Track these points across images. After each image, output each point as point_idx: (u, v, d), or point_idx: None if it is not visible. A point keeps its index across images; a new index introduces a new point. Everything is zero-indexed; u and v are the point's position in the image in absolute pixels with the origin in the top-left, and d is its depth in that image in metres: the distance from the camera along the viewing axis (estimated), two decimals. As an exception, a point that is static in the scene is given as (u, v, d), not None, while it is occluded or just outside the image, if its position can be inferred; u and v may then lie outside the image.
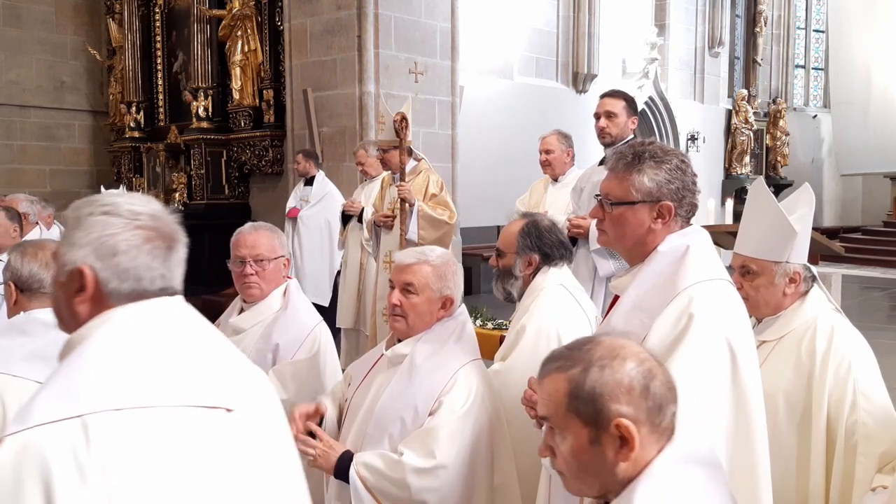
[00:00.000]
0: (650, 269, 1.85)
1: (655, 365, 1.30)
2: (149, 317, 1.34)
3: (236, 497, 1.30)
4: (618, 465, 1.25)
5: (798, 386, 2.24)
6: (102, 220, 1.34)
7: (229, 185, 9.77)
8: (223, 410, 1.32)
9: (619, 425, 1.23)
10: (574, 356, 1.30)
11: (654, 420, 1.26)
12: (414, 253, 2.34)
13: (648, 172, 1.85)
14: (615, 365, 1.26)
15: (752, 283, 2.33)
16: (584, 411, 1.25)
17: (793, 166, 18.38)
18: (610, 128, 4.03)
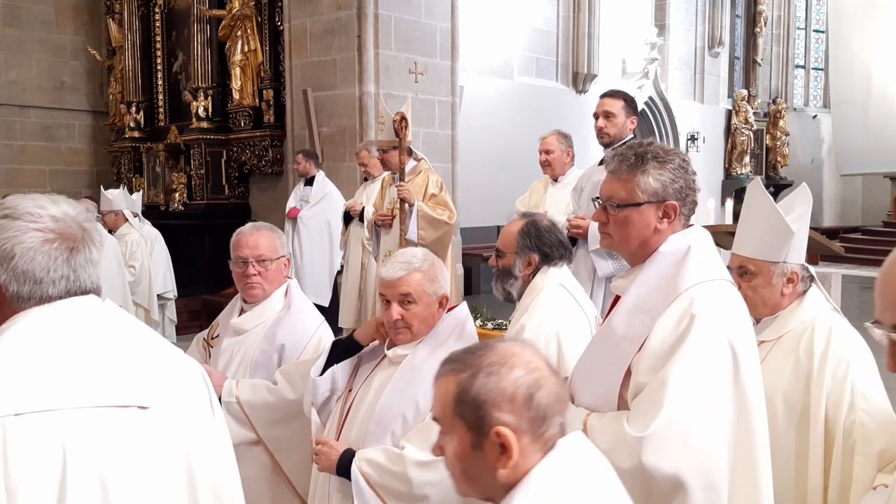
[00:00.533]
0: (651, 269, 1.85)
1: (546, 375, 1.30)
2: (55, 319, 1.34)
3: (154, 494, 1.32)
4: (498, 471, 1.26)
5: (796, 386, 2.24)
6: (1, 224, 1.34)
7: (229, 185, 9.78)
8: (135, 409, 1.33)
9: (499, 433, 1.24)
10: (467, 360, 1.30)
11: (537, 430, 1.27)
12: (399, 264, 2.32)
13: (653, 173, 1.85)
14: (502, 372, 1.26)
15: (750, 283, 2.33)
16: (468, 416, 1.26)
17: (793, 166, 18.38)
18: (608, 128, 4.03)
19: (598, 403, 1.84)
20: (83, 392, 1.28)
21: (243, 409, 2.56)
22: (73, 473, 1.23)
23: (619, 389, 1.81)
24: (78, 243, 1.39)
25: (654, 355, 1.74)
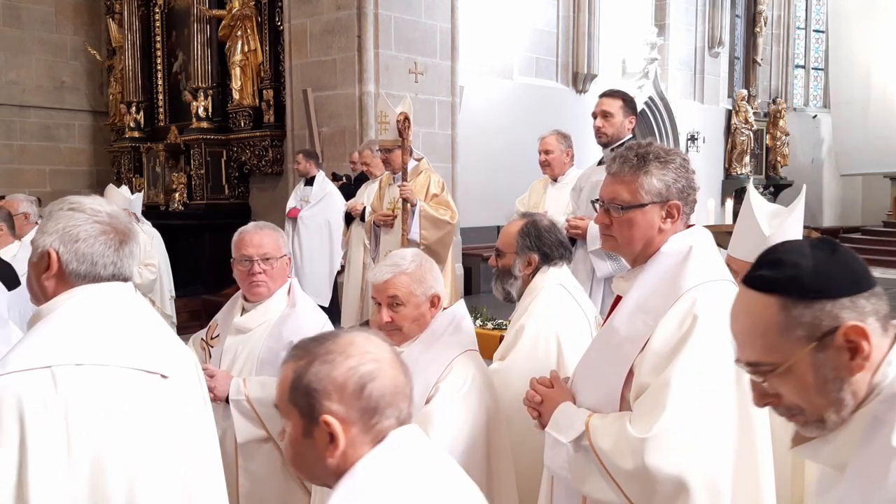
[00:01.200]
0: (653, 269, 1.85)
1: (384, 367, 1.29)
2: (104, 296, 1.67)
3: (164, 450, 1.63)
4: (327, 459, 1.27)
5: None
6: (68, 214, 1.68)
7: (229, 185, 9.78)
8: (159, 376, 1.67)
9: (326, 422, 1.25)
10: (309, 348, 1.32)
11: (368, 421, 1.27)
12: (387, 267, 2.34)
13: (656, 173, 1.84)
14: (337, 361, 1.27)
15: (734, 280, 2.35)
16: (301, 403, 1.27)
17: (793, 166, 18.38)
18: (606, 127, 4.02)
19: (599, 404, 1.84)
20: (124, 354, 1.62)
21: (254, 406, 2.56)
22: (112, 417, 1.55)
23: (621, 390, 1.81)
24: (126, 238, 1.72)
25: (657, 356, 1.73)
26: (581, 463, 1.80)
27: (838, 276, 1.12)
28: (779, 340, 1.12)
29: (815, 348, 1.10)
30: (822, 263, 1.12)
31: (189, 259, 9.06)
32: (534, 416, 1.99)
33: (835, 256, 1.14)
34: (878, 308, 1.13)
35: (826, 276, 1.11)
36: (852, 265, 1.14)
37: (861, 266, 1.15)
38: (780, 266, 1.14)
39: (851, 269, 1.13)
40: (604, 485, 1.76)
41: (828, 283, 1.11)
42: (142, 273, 6.50)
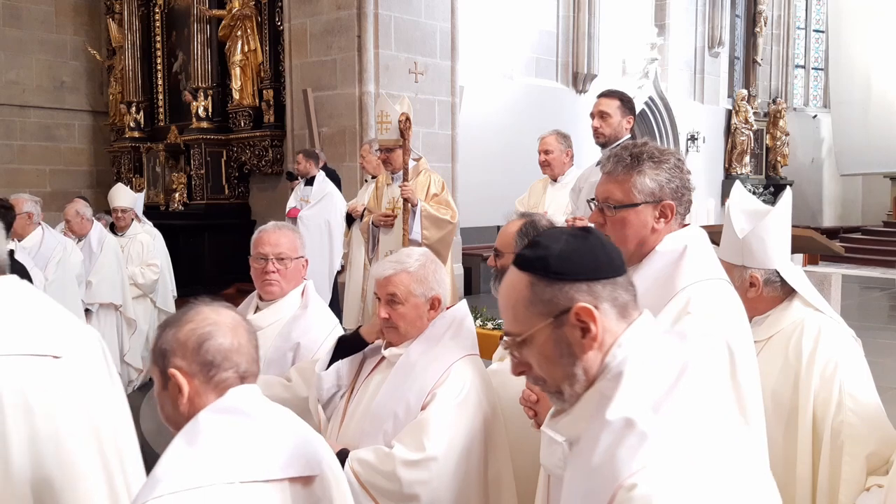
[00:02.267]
0: (648, 268, 1.85)
1: (222, 329, 1.54)
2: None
3: (66, 431, 1.69)
4: (179, 407, 1.51)
5: (785, 386, 2.24)
6: None
7: (229, 185, 9.78)
8: (50, 357, 1.71)
9: (172, 374, 1.51)
10: (169, 320, 1.60)
11: (207, 373, 1.51)
12: (391, 263, 2.34)
13: (649, 173, 1.85)
14: (181, 325, 1.53)
15: None
16: (158, 363, 1.53)
17: (793, 166, 18.39)
18: (603, 128, 4.03)
19: (595, 403, 1.85)
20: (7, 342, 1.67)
21: None
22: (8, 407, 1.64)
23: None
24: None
25: (651, 354, 1.74)
26: (577, 462, 1.80)
27: (581, 262, 1.22)
28: (525, 313, 1.23)
29: (551, 324, 1.21)
30: (570, 249, 1.23)
31: (189, 259, 9.05)
32: (529, 415, 1.99)
33: (584, 244, 1.24)
34: (616, 296, 1.23)
35: (569, 260, 1.22)
36: (598, 254, 1.24)
37: (608, 256, 1.25)
38: (535, 247, 1.26)
39: (595, 257, 1.23)
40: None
41: (570, 266, 1.21)
42: (144, 273, 6.50)
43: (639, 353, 1.20)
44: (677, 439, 1.10)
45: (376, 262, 5.32)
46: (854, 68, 16.22)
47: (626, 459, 1.09)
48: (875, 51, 15.87)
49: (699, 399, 1.16)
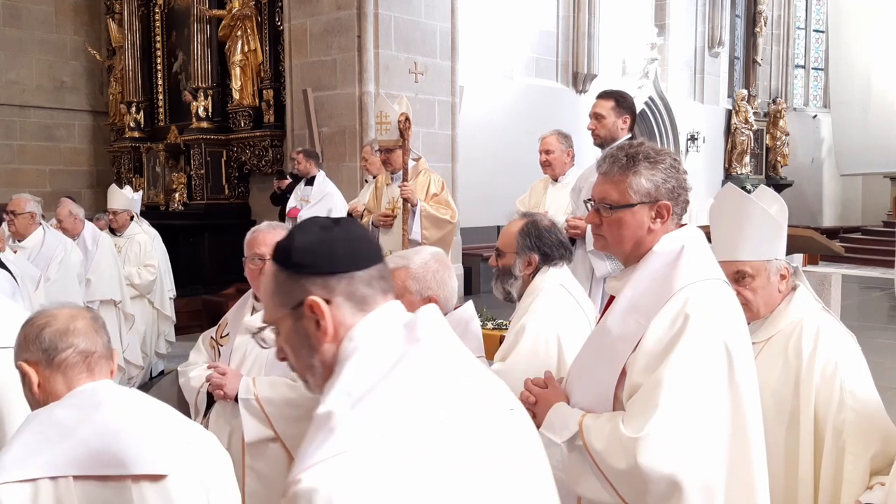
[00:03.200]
0: (645, 269, 1.85)
1: (59, 318, 1.75)
2: None
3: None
4: (36, 396, 1.74)
5: (785, 386, 2.23)
6: None
7: (229, 185, 9.78)
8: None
9: (19, 367, 1.73)
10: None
11: (49, 358, 1.72)
12: (397, 258, 2.35)
13: (645, 174, 1.85)
14: (25, 326, 1.76)
15: (750, 286, 2.29)
16: (14, 363, 1.77)
17: (793, 166, 18.39)
18: (598, 129, 4.04)
19: (593, 404, 1.84)
20: None
21: (262, 406, 2.55)
22: None
23: (614, 390, 1.81)
24: None
25: (649, 355, 1.73)
26: (575, 463, 1.80)
27: (319, 255, 1.22)
28: (271, 303, 1.27)
29: (290, 315, 1.23)
30: (311, 242, 1.24)
31: (189, 259, 9.06)
32: (528, 416, 1.99)
33: (326, 236, 1.24)
34: (353, 290, 1.22)
35: (308, 252, 1.22)
36: (338, 247, 1.23)
37: (350, 249, 1.24)
38: (286, 238, 1.27)
39: (334, 251, 1.23)
40: (598, 485, 1.76)
41: (308, 259, 1.22)
42: (140, 274, 6.50)
43: (363, 346, 1.19)
44: (366, 435, 1.07)
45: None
46: (854, 68, 16.22)
47: (308, 455, 1.08)
48: (875, 51, 15.87)
49: (410, 394, 1.13)
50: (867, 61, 15.99)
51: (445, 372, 1.20)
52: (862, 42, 16.02)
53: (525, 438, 1.30)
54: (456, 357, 1.25)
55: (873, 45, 15.84)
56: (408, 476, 1.07)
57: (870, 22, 15.88)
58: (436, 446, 1.11)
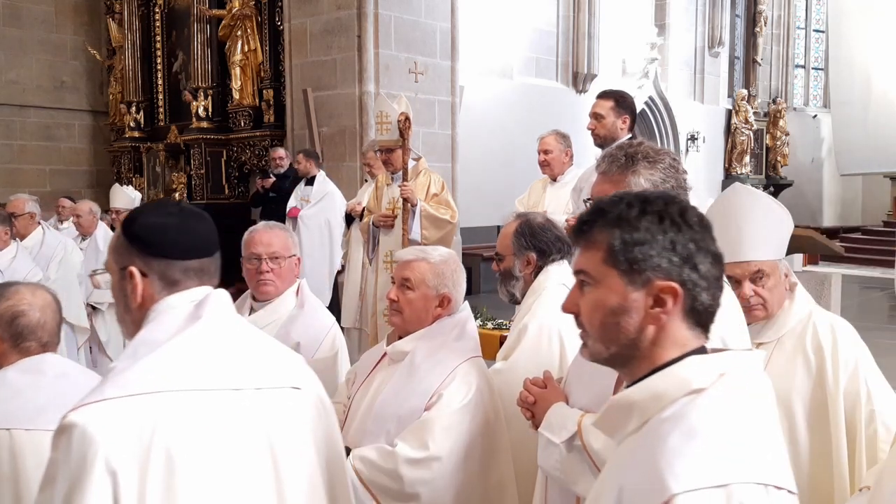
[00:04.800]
0: None
1: (34, 309, 2.04)
2: None
3: None
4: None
5: (809, 384, 2.22)
6: None
7: (229, 185, 9.78)
8: None
9: None
10: None
11: (16, 342, 2.03)
12: (415, 250, 2.40)
13: (644, 173, 1.85)
14: (3, 299, 2.04)
15: (767, 285, 2.25)
16: None
17: (793, 166, 18.39)
18: (598, 129, 4.04)
19: (592, 404, 1.84)
20: None
21: None
22: None
23: (613, 389, 1.81)
24: None
25: (647, 355, 1.73)
26: (574, 463, 1.80)
27: (151, 236, 1.43)
28: (109, 256, 1.50)
29: (117, 272, 1.46)
30: (152, 223, 1.45)
31: (189, 259, 9.05)
32: (527, 416, 1.99)
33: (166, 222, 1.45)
34: (167, 273, 1.43)
35: (145, 230, 1.44)
36: (168, 236, 1.44)
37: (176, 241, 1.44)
38: (142, 209, 1.53)
39: (163, 237, 1.43)
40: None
41: (142, 235, 1.43)
42: None
43: (157, 318, 1.41)
44: (131, 388, 1.28)
45: (376, 263, 5.33)
46: (854, 68, 16.22)
47: (83, 398, 1.27)
48: (875, 50, 15.87)
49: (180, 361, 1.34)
50: (867, 61, 15.99)
51: (220, 346, 1.40)
52: (862, 42, 16.02)
53: (304, 417, 1.48)
54: (236, 335, 1.45)
55: (873, 45, 15.84)
56: (160, 429, 1.26)
57: (870, 22, 15.87)
58: (194, 410, 1.31)
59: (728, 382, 1.13)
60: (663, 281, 1.15)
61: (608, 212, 1.22)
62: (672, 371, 1.15)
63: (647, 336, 1.17)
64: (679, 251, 1.16)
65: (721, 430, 1.08)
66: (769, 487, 1.07)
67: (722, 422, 1.09)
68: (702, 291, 1.16)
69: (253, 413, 1.38)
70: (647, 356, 1.19)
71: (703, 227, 1.19)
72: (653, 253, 1.16)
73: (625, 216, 1.20)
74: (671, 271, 1.15)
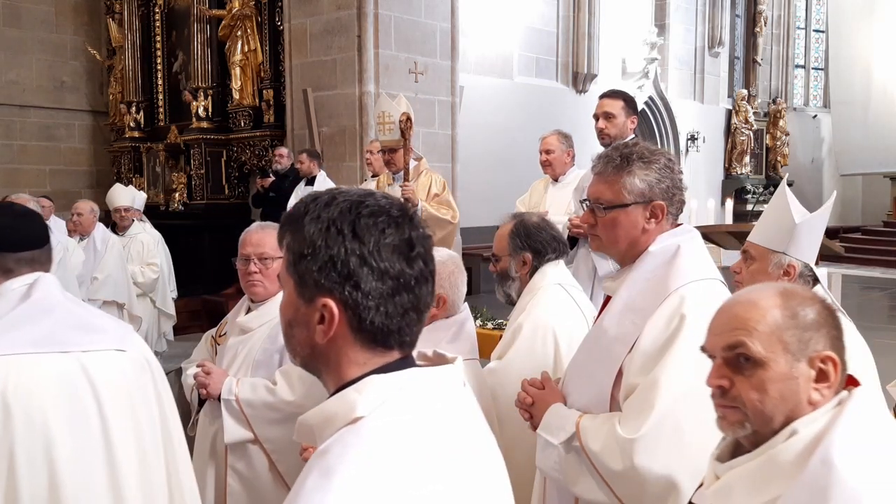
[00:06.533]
0: (641, 269, 1.85)
1: None
2: None
3: None
4: None
5: None
6: None
7: (229, 185, 9.77)
8: None
9: None
10: None
11: None
12: None
13: (639, 174, 1.85)
14: None
15: (749, 268, 2.33)
16: None
17: (793, 166, 18.38)
18: (608, 129, 4.03)
19: (590, 405, 1.84)
20: None
21: (241, 407, 2.56)
22: None
23: (610, 390, 1.81)
24: None
25: (645, 356, 1.73)
26: (572, 464, 1.80)
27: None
28: None
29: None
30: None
31: (189, 259, 9.04)
32: (525, 417, 1.99)
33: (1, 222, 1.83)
34: (3, 263, 1.78)
35: None
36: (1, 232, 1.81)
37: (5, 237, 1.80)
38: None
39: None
40: (595, 485, 1.76)
41: None
42: (144, 272, 6.52)
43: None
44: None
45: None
46: (854, 68, 16.22)
47: None
48: (875, 50, 15.87)
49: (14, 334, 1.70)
50: (867, 61, 16.00)
51: (49, 316, 1.74)
52: (862, 41, 16.02)
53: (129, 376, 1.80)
54: (64, 307, 1.79)
55: (873, 45, 15.84)
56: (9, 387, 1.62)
57: (870, 21, 15.88)
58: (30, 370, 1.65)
59: (389, 409, 1.03)
60: (322, 297, 1.07)
61: (289, 215, 1.13)
62: (345, 393, 1.06)
63: (321, 351, 1.10)
64: (339, 267, 1.05)
65: (357, 470, 0.97)
66: None
67: (361, 459, 0.98)
68: (370, 311, 1.06)
69: (81, 372, 1.72)
70: (331, 372, 1.11)
71: (378, 241, 1.06)
72: (314, 268, 1.06)
73: (297, 223, 1.10)
74: (332, 288, 1.06)
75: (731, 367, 1.31)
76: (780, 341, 1.27)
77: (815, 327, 1.28)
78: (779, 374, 1.26)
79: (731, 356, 1.31)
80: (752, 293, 1.33)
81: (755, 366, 1.28)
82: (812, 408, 1.27)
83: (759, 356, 1.26)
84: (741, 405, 1.30)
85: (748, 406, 1.28)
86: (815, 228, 2.33)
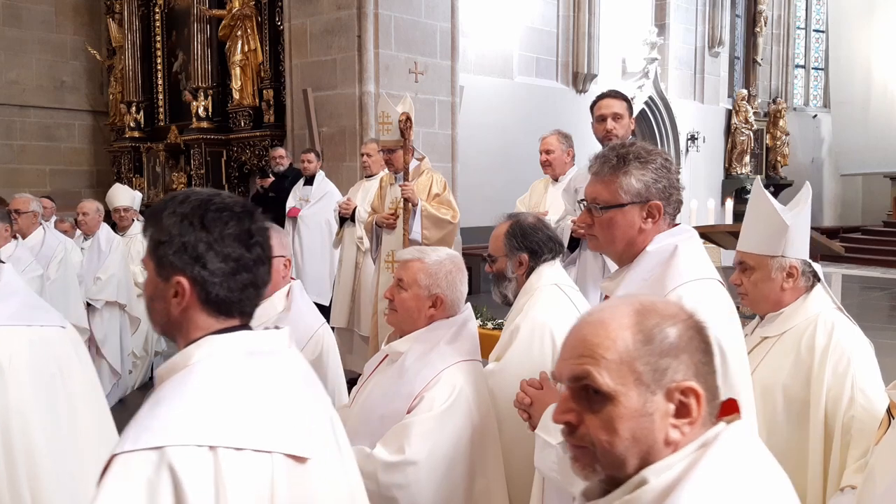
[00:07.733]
0: (639, 269, 1.85)
1: None
2: None
3: None
4: None
5: (797, 381, 2.24)
6: None
7: (229, 185, 9.78)
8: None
9: None
10: None
11: None
12: (415, 251, 2.40)
13: (635, 173, 1.85)
14: None
15: (750, 278, 2.34)
16: None
17: (793, 166, 18.38)
18: (617, 129, 4.03)
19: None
20: None
21: None
22: None
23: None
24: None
25: (643, 355, 1.73)
26: (570, 464, 1.80)
27: None
28: None
29: None
30: None
31: (189, 259, 9.05)
32: (524, 417, 1.99)
33: None
34: None
35: None
36: None
37: None
38: None
39: None
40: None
41: None
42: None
43: None
44: None
45: (378, 263, 5.33)
46: (854, 68, 16.22)
47: None
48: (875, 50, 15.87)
49: None
50: (867, 61, 15.99)
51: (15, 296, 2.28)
52: (862, 42, 16.02)
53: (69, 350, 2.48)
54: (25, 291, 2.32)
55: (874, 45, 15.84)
56: None
57: (870, 21, 15.87)
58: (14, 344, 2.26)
59: (217, 356, 1.31)
60: (176, 276, 1.34)
61: (151, 211, 1.42)
62: (187, 349, 1.34)
63: (176, 320, 1.37)
64: (189, 251, 1.33)
65: (181, 400, 1.24)
66: (219, 449, 1.20)
67: (186, 389, 1.26)
68: (214, 286, 1.34)
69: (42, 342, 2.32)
70: (183, 336, 1.37)
71: (222, 231, 1.35)
72: (170, 252, 1.34)
73: (157, 217, 1.38)
74: (184, 268, 1.34)
75: (578, 400, 1.12)
76: (632, 371, 1.07)
77: (674, 353, 1.08)
78: (630, 410, 1.07)
79: (578, 388, 1.11)
80: (605, 311, 1.14)
81: (604, 400, 1.08)
82: (670, 449, 1.08)
83: (607, 389, 1.07)
84: (590, 445, 1.11)
85: (597, 447, 1.09)
86: (804, 224, 2.34)
